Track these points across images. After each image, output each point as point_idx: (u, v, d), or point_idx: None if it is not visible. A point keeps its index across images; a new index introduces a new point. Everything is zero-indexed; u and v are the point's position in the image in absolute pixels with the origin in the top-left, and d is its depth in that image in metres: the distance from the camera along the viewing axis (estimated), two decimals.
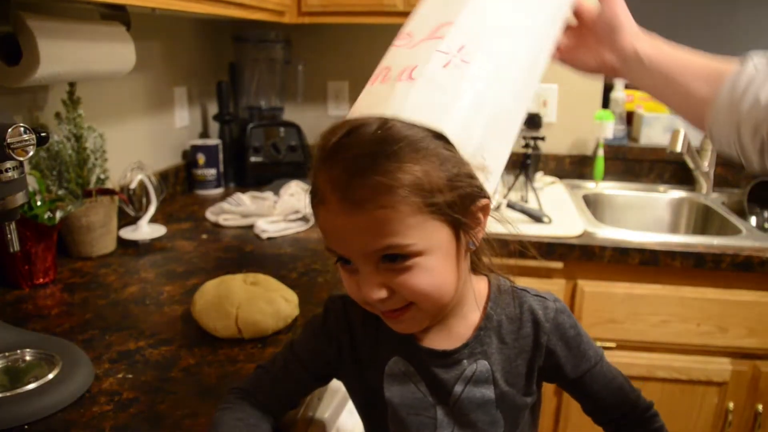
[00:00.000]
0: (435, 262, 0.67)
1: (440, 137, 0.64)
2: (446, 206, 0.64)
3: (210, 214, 1.79)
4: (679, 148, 2.03)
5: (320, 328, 0.83)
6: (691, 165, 2.18)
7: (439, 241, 0.66)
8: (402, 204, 0.62)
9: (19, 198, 0.90)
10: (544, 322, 0.78)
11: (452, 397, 0.77)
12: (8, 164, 0.86)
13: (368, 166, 0.61)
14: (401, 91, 0.67)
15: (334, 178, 0.63)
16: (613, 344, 1.75)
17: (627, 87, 2.39)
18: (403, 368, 0.78)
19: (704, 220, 2.13)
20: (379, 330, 0.79)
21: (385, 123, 0.63)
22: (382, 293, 0.67)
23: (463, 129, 0.66)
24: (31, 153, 0.87)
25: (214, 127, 2.32)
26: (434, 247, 0.66)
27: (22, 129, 0.84)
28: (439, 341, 0.77)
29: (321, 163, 0.65)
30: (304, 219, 1.74)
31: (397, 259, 0.65)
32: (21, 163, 0.89)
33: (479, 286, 0.79)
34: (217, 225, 1.74)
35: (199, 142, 2.12)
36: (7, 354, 0.95)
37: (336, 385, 0.93)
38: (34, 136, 0.87)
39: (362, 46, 2.40)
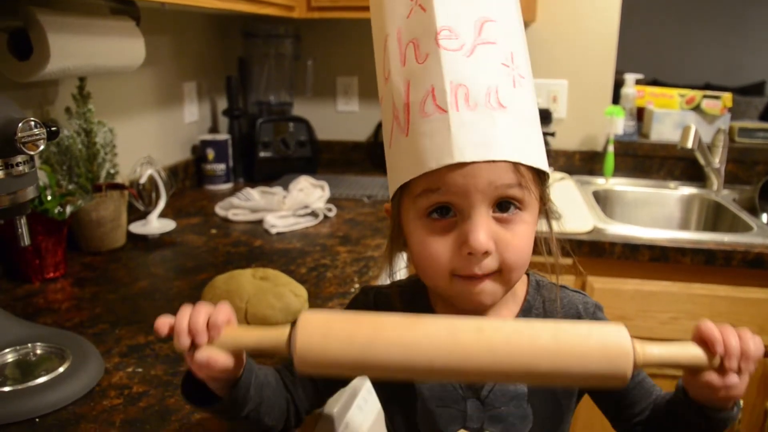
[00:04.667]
0: (531, 224, 0.71)
1: None
2: (544, 193, 0.74)
3: (219, 209, 1.79)
4: (690, 145, 2.02)
5: None
6: (701, 161, 2.17)
7: (534, 209, 0.72)
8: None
9: (30, 192, 0.90)
10: (583, 316, 0.79)
11: (484, 390, 0.77)
12: (19, 158, 0.86)
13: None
14: (505, 127, 0.66)
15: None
16: None
17: (638, 83, 2.38)
18: None
19: (715, 217, 2.12)
20: None
21: None
22: (491, 244, 0.67)
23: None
24: (41, 147, 0.87)
25: (223, 122, 2.32)
26: (533, 211, 0.71)
27: (32, 123, 0.85)
28: None
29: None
30: (314, 214, 1.74)
31: (510, 207, 0.68)
32: (31, 158, 0.89)
33: (519, 281, 0.79)
34: (226, 220, 1.75)
35: (209, 137, 2.13)
36: (18, 348, 0.95)
37: None
38: (44, 131, 0.87)
39: (371, 41, 2.39)
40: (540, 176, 0.72)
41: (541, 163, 0.70)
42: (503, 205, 0.68)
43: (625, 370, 0.60)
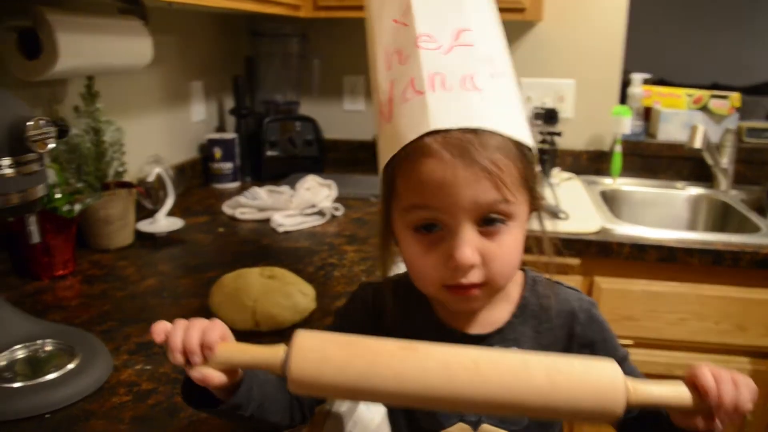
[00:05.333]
0: (518, 232, 0.71)
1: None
2: (533, 183, 0.72)
3: (226, 208, 1.80)
4: (697, 144, 2.01)
5: (344, 313, 0.85)
6: (709, 161, 2.16)
7: (523, 213, 0.72)
8: (512, 163, 0.68)
9: (40, 190, 0.91)
10: (578, 313, 0.79)
11: None
12: (29, 157, 0.87)
13: (480, 132, 0.66)
14: (482, 104, 0.68)
15: (445, 138, 0.66)
16: (630, 342, 1.74)
17: (645, 83, 2.37)
18: None
19: (723, 218, 2.11)
20: (409, 316, 0.79)
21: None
22: (477, 258, 0.68)
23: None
24: (51, 146, 0.87)
25: (230, 121, 2.33)
26: (521, 216, 0.71)
27: (42, 122, 0.85)
28: (474, 327, 0.78)
29: (425, 142, 0.67)
30: (321, 213, 1.75)
31: (496, 222, 0.68)
32: (41, 156, 0.90)
33: (515, 276, 0.80)
34: (233, 218, 1.75)
35: (216, 135, 2.13)
36: (28, 344, 0.96)
37: None
38: (54, 129, 0.87)
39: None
40: (526, 170, 0.71)
41: (524, 136, 0.71)
42: (489, 219, 0.69)
43: (616, 410, 0.61)
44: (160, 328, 0.65)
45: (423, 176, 0.67)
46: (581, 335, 0.79)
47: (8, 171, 0.84)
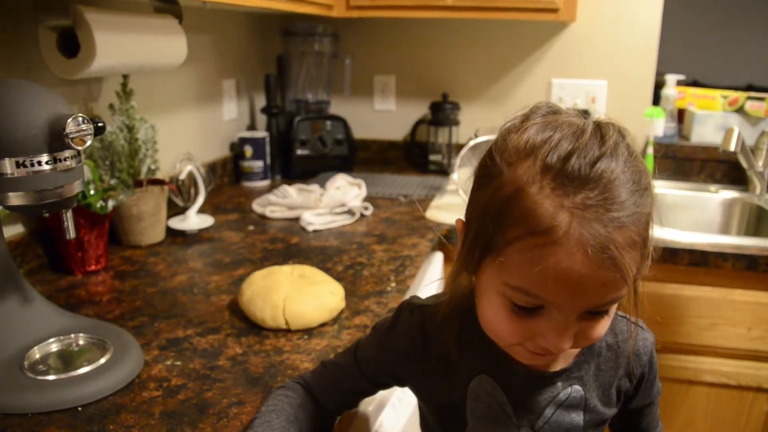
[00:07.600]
0: (615, 308, 0.65)
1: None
2: (648, 254, 0.62)
3: (256, 206, 1.81)
4: (732, 147, 1.98)
5: (386, 335, 0.82)
6: (744, 165, 2.12)
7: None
8: (640, 252, 0.60)
9: (76, 186, 0.92)
10: (642, 355, 0.78)
11: (540, 420, 0.74)
12: (67, 153, 0.88)
13: (628, 215, 0.57)
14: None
15: (585, 222, 0.56)
16: (658, 346, 1.72)
17: (679, 84, 2.34)
18: (489, 387, 0.75)
19: (757, 222, 2.08)
20: (464, 348, 0.75)
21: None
22: (570, 342, 0.63)
23: None
24: (88, 143, 0.88)
25: (261, 119, 2.35)
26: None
27: (80, 119, 0.86)
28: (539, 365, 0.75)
29: (558, 189, 0.57)
30: (350, 212, 1.75)
31: (601, 312, 0.63)
32: (78, 153, 0.91)
33: None
34: (263, 217, 1.76)
35: (247, 134, 2.15)
36: (62, 338, 0.98)
37: None
38: (92, 126, 0.88)
39: (409, 40, 2.39)
40: (647, 250, 0.62)
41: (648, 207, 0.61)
42: (596, 312, 0.62)
43: None
44: None
45: (550, 269, 0.57)
46: (637, 375, 0.78)
47: (46, 167, 0.86)
